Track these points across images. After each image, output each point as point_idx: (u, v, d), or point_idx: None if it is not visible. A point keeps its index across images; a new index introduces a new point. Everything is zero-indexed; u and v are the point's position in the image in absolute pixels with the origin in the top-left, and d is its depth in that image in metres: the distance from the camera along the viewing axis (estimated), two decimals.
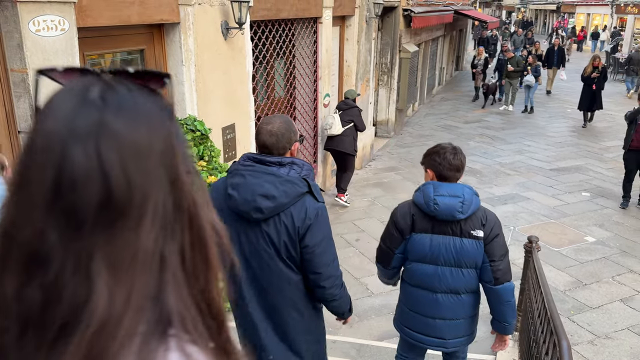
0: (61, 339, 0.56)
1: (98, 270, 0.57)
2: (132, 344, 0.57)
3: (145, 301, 0.59)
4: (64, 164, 0.55)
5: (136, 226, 0.58)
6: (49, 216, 0.56)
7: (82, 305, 0.56)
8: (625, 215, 7.37)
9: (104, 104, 0.58)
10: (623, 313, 5.01)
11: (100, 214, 0.56)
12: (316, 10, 6.77)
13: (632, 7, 29.04)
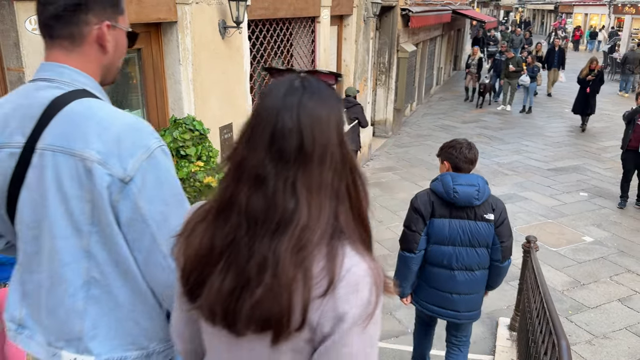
0: (278, 232, 0.93)
1: (300, 191, 0.94)
2: (323, 240, 0.93)
3: (329, 216, 0.95)
4: (277, 124, 0.95)
5: (320, 166, 0.95)
6: (267, 153, 0.95)
7: (291, 212, 0.93)
8: (623, 215, 7.38)
9: (302, 90, 0.97)
10: (621, 313, 5.01)
11: (298, 155, 0.94)
12: (314, 10, 6.76)
13: (630, 7, 29.10)
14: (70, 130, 1.20)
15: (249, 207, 0.95)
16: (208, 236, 0.99)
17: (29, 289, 1.32)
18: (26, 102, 1.26)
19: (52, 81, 1.27)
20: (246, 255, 0.95)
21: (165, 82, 4.39)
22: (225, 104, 5.01)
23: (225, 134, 5.04)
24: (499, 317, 4.83)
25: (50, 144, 1.20)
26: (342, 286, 0.92)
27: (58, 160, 1.19)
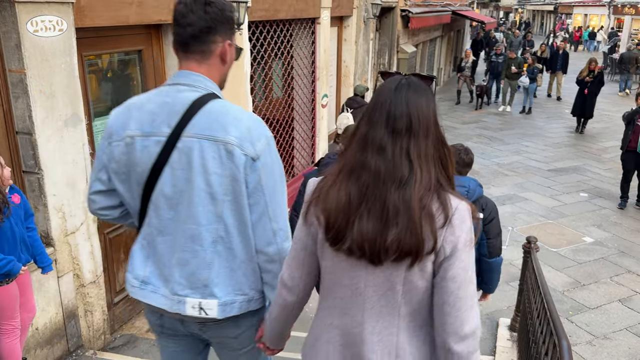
0: (402, 187, 1.28)
1: (413, 157, 1.30)
2: (433, 190, 1.30)
3: (434, 174, 1.31)
4: (391, 110, 1.33)
5: (425, 140, 1.32)
6: (385, 129, 1.32)
7: (408, 172, 1.29)
8: (623, 216, 7.38)
9: (408, 87, 1.35)
10: (621, 313, 5.01)
11: (408, 131, 1.31)
12: (314, 11, 6.76)
13: (630, 8, 29.13)
14: (212, 123, 1.57)
15: (376, 168, 1.30)
16: (345, 192, 1.32)
17: (158, 249, 1.68)
18: (170, 101, 1.62)
19: (190, 86, 1.63)
20: (381, 204, 1.29)
21: None
22: None
23: None
24: (500, 318, 4.84)
25: (196, 133, 1.56)
26: (455, 218, 1.30)
27: (203, 145, 1.55)
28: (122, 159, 1.64)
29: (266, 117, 6.28)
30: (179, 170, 1.59)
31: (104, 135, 1.70)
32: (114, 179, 1.70)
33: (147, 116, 1.62)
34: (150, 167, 1.61)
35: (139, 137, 1.61)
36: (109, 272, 4.07)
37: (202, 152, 1.55)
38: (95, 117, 3.83)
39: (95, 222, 3.68)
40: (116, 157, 1.65)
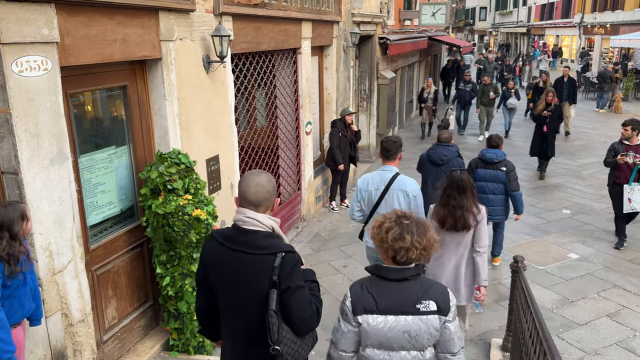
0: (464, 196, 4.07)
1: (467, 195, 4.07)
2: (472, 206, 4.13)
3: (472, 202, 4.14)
4: (458, 182, 4.11)
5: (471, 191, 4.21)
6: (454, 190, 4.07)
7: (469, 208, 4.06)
8: (606, 232, 7.49)
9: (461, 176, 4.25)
10: (610, 328, 5.06)
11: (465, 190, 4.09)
12: (295, 42, 6.89)
13: (599, 28, 30.09)
14: (401, 183, 4.36)
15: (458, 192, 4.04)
16: (443, 206, 4.07)
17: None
18: (379, 178, 4.44)
19: (390, 171, 4.44)
20: (455, 204, 4.01)
21: (151, 118, 4.42)
22: (211, 136, 5.05)
23: (212, 166, 5.05)
24: (492, 339, 4.85)
25: (395, 187, 4.36)
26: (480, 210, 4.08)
27: (398, 192, 4.35)
28: (365, 197, 4.45)
29: (251, 146, 6.32)
30: (388, 200, 4.35)
31: (359, 188, 4.50)
32: (362, 205, 4.49)
33: (373, 181, 4.43)
34: (375, 201, 4.39)
35: (373, 190, 4.42)
36: (98, 310, 4.01)
37: (397, 195, 4.34)
38: (81, 153, 3.83)
39: (83, 259, 3.65)
40: (364, 197, 4.46)
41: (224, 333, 2.45)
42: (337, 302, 5.57)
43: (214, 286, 2.36)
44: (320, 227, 7.89)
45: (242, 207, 2.30)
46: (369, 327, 2.25)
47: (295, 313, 2.22)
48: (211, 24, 4.89)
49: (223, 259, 2.29)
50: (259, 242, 2.24)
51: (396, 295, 2.25)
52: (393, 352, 2.27)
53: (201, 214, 4.02)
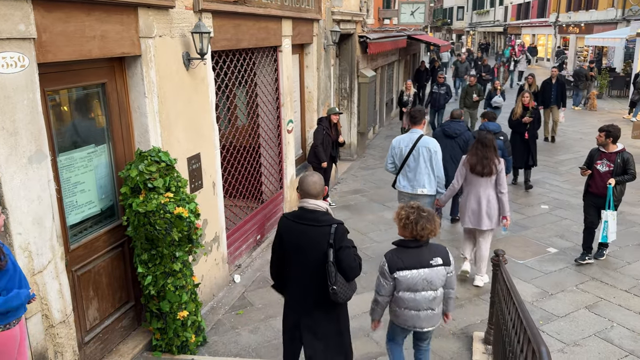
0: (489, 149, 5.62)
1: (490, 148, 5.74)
2: (495, 157, 5.73)
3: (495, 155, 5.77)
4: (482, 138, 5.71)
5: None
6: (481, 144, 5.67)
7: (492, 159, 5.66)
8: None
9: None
10: (589, 320, 5.16)
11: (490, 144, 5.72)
12: (275, 39, 6.87)
13: (574, 27, 30.66)
14: (425, 142, 5.88)
15: (484, 146, 5.59)
16: (474, 156, 5.61)
17: (409, 176, 5.96)
18: (408, 138, 5.98)
19: (417, 133, 5.97)
20: (482, 155, 5.53)
21: (131, 116, 4.37)
22: (192, 134, 5.01)
23: (193, 164, 5.01)
24: (474, 332, 4.91)
25: (420, 145, 5.87)
26: (500, 162, 5.65)
27: (422, 148, 5.84)
28: (397, 152, 6.00)
29: (232, 144, 6.29)
30: (415, 154, 5.87)
31: (393, 146, 6.07)
32: (395, 159, 6.04)
33: (403, 140, 5.99)
34: (405, 156, 5.92)
35: (403, 147, 5.96)
36: (79, 311, 3.95)
37: (422, 150, 5.84)
38: (60, 152, 3.76)
39: (63, 259, 3.59)
40: (397, 153, 6.01)
41: (291, 282, 3.45)
42: None
43: (287, 250, 3.38)
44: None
45: (304, 198, 3.33)
46: (400, 278, 3.43)
47: (345, 264, 3.23)
48: (191, 21, 4.85)
49: (293, 230, 3.32)
50: (319, 218, 3.28)
51: (415, 256, 3.45)
52: (417, 292, 3.46)
53: (183, 212, 3.98)
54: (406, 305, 3.49)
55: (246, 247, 6.68)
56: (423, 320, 3.53)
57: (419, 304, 3.48)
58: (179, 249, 4.13)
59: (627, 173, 6.01)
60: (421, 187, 5.90)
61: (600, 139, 6.20)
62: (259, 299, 5.66)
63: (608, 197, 6.04)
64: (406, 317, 3.54)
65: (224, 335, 4.98)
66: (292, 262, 3.36)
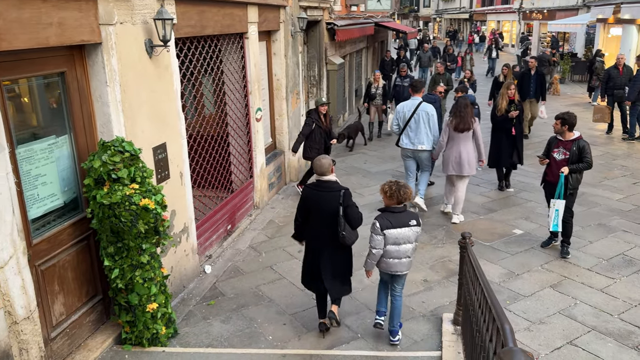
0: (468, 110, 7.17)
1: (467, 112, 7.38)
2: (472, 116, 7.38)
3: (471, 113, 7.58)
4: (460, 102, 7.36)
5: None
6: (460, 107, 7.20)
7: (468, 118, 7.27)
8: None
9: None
10: (553, 298, 5.32)
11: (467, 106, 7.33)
12: (241, 26, 6.78)
13: (537, 14, 31.23)
14: (424, 107, 7.43)
15: (464, 108, 7.06)
16: (456, 117, 7.09)
17: (410, 135, 7.45)
18: (410, 103, 7.53)
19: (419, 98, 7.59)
20: (462, 115, 7.00)
21: (93, 105, 4.25)
22: (157, 123, 4.91)
23: (159, 154, 4.93)
24: (443, 313, 5.00)
25: (420, 109, 7.41)
26: (475, 120, 7.20)
27: (422, 112, 7.38)
28: (401, 116, 7.49)
29: (200, 134, 6.20)
30: (417, 117, 7.39)
31: (398, 110, 7.66)
32: (399, 121, 7.53)
33: (407, 106, 7.54)
34: (409, 117, 7.43)
35: (407, 111, 7.47)
36: (44, 306, 3.86)
37: (422, 115, 7.37)
38: (19, 144, 3.64)
39: (25, 254, 3.49)
40: (400, 116, 7.52)
41: (311, 231, 4.62)
42: (291, 286, 5.62)
43: (309, 208, 4.56)
44: (274, 214, 7.86)
45: (319, 176, 4.53)
46: (388, 235, 4.37)
47: (351, 217, 4.42)
48: (153, 7, 4.73)
49: (313, 195, 4.52)
50: (332, 186, 4.48)
51: (399, 219, 4.41)
52: (399, 245, 4.41)
53: (149, 204, 3.92)
54: (391, 256, 4.43)
55: (217, 237, 6.63)
56: (403, 266, 4.49)
57: (400, 254, 4.42)
58: (145, 241, 4.06)
59: (582, 161, 5.96)
60: (421, 144, 7.45)
61: (557, 126, 6.15)
62: (231, 288, 5.64)
63: (559, 186, 6.02)
64: (391, 264, 4.47)
65: (196, 326, 4.94)
66: (312, 217, 4.56)
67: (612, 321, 4.86)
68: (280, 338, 4.74)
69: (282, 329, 4.89)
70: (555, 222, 6.08)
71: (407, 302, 5.29)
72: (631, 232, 6.89)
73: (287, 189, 9.10)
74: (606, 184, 8.82)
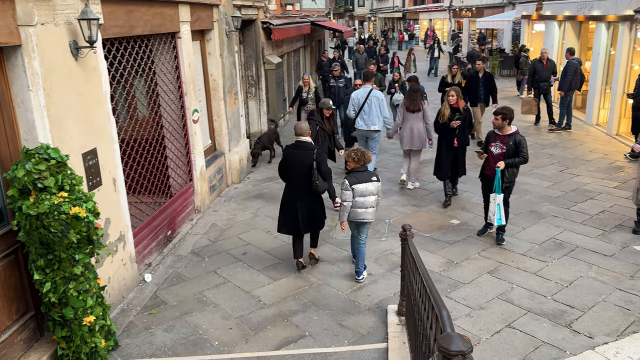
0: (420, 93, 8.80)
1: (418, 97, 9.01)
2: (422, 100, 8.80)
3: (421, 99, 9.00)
4: (412, 88, 9.18)
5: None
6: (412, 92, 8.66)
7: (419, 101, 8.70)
8: (481, 197, 8.12)
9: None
10: (491, 284, 5.53)
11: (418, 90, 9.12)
12: (172, 25, 6.61)
13: (466, 11, 32.39)
14: (374, 94, 8.67)
15: (415, 92, 8.40)
16: (408, 100, 8.42)
17: (364, 118, 8.62)
18: (363, 91, 8.73)
19: (369, 87, 8.83)
20: (414, 99, 8.30)
21: (14, 111, 4.00)
22: (86, 128, 4.70)
23: (90, 160, 4.71)
24: (388, 305, 5.09)
25: (372, 95, 8.61)
26: (425, 103, 8.47)
27: (373, 98, 8.62)
28: (356, 102, 8.67)
29: (133, 138, 5.99)
30: (370, 102, 8.57)
31: (352, 98, 8.77)
32: (355, 107, 8.70)
33: (360, 93, 8.72)
34: (362, 102, 8.59)
35: (361, 97, 8.64)
36: None
37: (374, 100, 8.57)
38: None
39: None
40: (356, 102, 8.70)
41: (290, 182, 5.79)
42: (237, 289, 5.54)
43: (288, 164, 5.75)
44: (216, 217, 7.73)
45: (298, 136, 5.80)
46: (356, 188, 5.36)
47: (322, 170, 5.63)
48: (77, 7, 4.52)
49: (292, 153, 5.74)
50: (307, 146, 5.70)
51: (363, 176, 5.41)
52: (365, 197, 5.39)
53: (80, 212, 3.73)
54: (359, 206, 5.41)
55: (156, 244, 6.43)
56: (368, 214, 5.47)
57: (366, 204, 5.42)
58: (78, 251, 3.87)
59: (518, 155, 6.14)
60: (373, 125, 8.61)
61: (497, 122, 6.23)
62: (173, 296, 5.49)
63: (496, 180, 6.17)
64: (359, 213, 5.45)
65: (137, 337, 4.77)
66: (291, 171, 5.74)
67: (546, 302, 5.11)
68: (227, 343, 4.66)
69: (228, 333, 4.81)
70: (498, 216, 6.26)
71: (353, 296, 5.35)
72: (560, 216, 7.28)
73: (229, 191, 8.97)
74: (536, 173, 9.27)
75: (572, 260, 5.96)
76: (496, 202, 6.25)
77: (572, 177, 9.06)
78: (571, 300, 5.13)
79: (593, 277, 5.57)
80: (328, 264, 6.11)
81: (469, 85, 11.08)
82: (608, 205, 7.63)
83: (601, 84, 12.66)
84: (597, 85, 12.71)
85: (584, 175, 9.09)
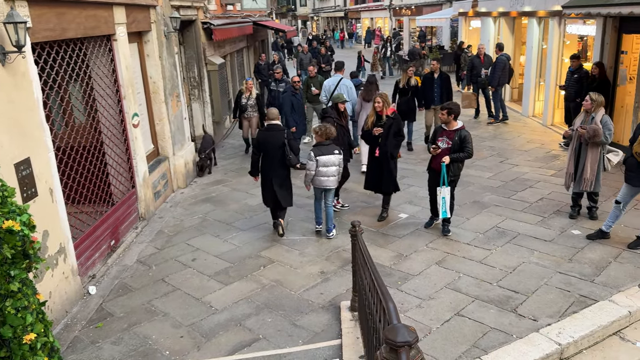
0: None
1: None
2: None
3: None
4: (369, 80, 9.92)
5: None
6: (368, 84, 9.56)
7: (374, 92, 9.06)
8: (426, 190, 8.31)
9: None
10: (439, 274, 5.66)
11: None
12: (107, 28, 6.38)
13: (406, 10, 33.09)
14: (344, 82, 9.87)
15: (370, 84, 9.26)
16: (365, 91, 9.22)
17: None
18: (334, 79, 10.07)
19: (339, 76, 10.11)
20: (369, 89, 9.06)
21: None
22: (17, 137, 4.45)
23: (23, 170, 4.47)
24: (341, 302, 5.11)
25: (342, 83, 9.75)
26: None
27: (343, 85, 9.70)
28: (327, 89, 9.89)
29: (70, 145, 5.73)
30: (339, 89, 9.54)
31: (325, 86, 10.06)
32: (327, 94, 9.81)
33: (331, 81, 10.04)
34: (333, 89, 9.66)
35: (332, 85, 9.78)
36: None
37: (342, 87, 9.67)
38: None
39: None
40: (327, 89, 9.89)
41: (265, 162, 6.73)
42: (186, 297, 5.42)
43: (262, 145, 6.69)
44: (162, 224, 7.53)
45: (269, 121, 6.78)
46: (320, 159, 6.43)
47: (293, 147, 6.73)
48: (2, 10, 4.28)
49: (266, 135, 6.72)
50: (278, 128, 6.77)
51: (327, 148, 6.47)
52: (327, 167, 6.47)
53: (14, 225, 3.53)
54: (322, 174, 6.46)
55: (100, 254, 6.19)
56: (330, 182, 6.54)
57: (329, 173, 6.46)
58: (13, 267, 3.66)
59: (463, 150, 6.30)
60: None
61: (443, 117, 6.35)
62: (120, 307, 5.30)
63: (442, 175, 6.33)
64: (323, 181, 6.52)
65: (83, 352, 4.58)
66: (265, 149, 6.66)
67: (492, 289, 5.29)
68: (179, 351, 4.55)
69: (179, 342, 4.69)
70: (443, 209, 6.44)
71: (306, 295, 5.34)
72: (501, 205, 7.56)
73: (175, 196, 8.76)
74: (477, 164, 9.58)
75: (515, 247, 6.20)
76: (442, 196, 6.41)
77: (511, 167, 9.42)
78: (515, 285, 5.33)
79: (535, 262, 5.81)
80: (280, 265, 6.08)
81: (423, 87, 10.56)
82: (546, 193, 7.99)
83: (535, 76, 13.25)
84: (531, 78, 13.28)
85: (523, 165, 9.48)
